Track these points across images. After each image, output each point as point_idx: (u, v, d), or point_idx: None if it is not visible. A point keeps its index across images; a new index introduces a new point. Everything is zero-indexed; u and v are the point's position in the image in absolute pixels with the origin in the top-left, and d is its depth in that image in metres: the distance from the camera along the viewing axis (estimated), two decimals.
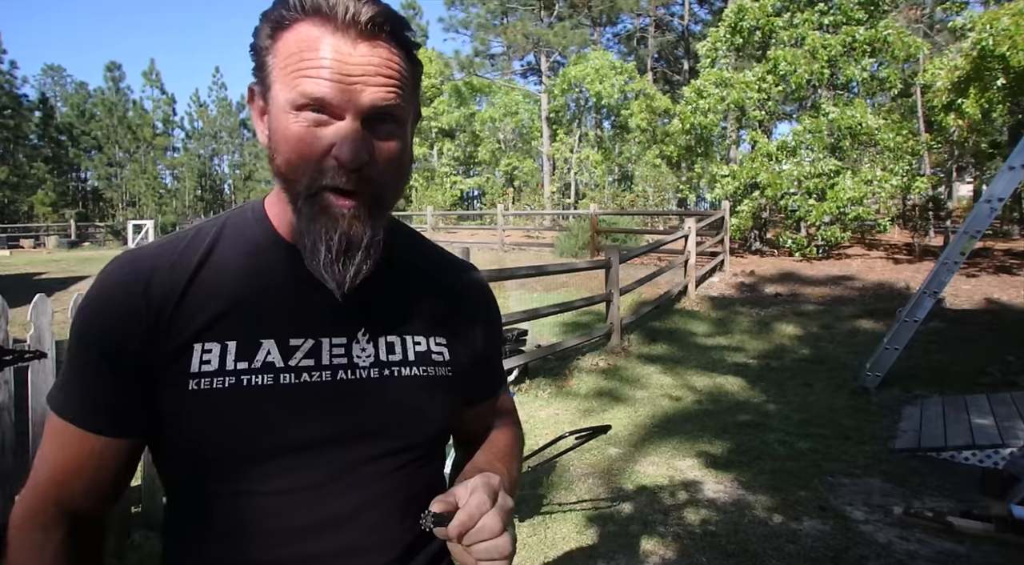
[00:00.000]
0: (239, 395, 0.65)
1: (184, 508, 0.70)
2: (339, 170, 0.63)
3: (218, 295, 0.68)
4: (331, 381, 0.69)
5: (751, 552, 2.81)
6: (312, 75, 0.62)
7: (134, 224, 24.96)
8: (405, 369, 0.73)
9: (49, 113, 40.40)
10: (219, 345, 0.66)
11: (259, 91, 0.69)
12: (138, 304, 0.66)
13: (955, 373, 5.81)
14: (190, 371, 0.65)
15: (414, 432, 0.74)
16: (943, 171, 16.34)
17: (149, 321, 0.66)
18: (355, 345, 0.71)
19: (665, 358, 6.62)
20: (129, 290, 0.67)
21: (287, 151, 0.64)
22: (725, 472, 3.73)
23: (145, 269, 0.68)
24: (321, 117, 0.63)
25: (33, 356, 2.46)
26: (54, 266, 13.62)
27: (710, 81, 13.60)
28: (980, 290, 9.44)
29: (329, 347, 0.70)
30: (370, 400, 0.70)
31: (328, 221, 0.65)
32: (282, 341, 0.68)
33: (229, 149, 47.07)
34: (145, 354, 0.66)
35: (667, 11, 29.92)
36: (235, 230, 0.74)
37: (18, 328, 5.65)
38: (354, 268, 0.66)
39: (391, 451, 0.72)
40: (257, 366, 0.66)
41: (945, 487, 3.50)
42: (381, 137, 0.65)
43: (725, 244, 11.94)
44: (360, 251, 0.66)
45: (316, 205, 0.65)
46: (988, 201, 5.20)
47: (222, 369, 0.66)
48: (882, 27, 12.40)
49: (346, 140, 0.63)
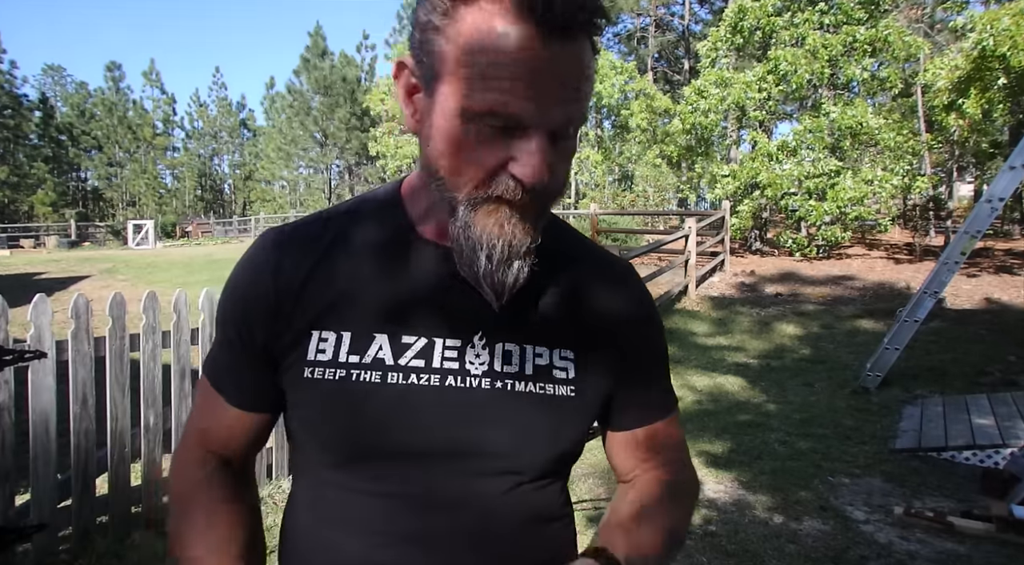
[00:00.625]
0: (347, 390, 0.63)
1: (302, 489, 0.71)
2: (515, 187, 0.57)
3: (339, 282, 0.66)
4: (439, 387, 0.64)
5: (751, 552, 2.81)
6: (501, 87, 0.53)
7: (134, 224, 24.97)
8: (520, 384, 0.65)
9: (49, 113, 40.41)
10: (335, 334, 0.65)
11: (417, 71, 0.60)
12: (268, 285, 0.66)
13: (955, 373, 5.81)
14: (306, 358, 0.65)
15: (522, 456, 0.66)
16: (944, 171, 16.33)
17: (275, 303, 0.66)
18: (469, 349, 0.65)
19: None
20: (260, 270, 0.67)
21: (452, 157, 0.57)
22: (725, 472, 3.72)
23: (278, 250, 0.68)
24: (502, 127, 0.55)
25: (33, 356, 2.46)
26: (54, 266, 13.62)
27: (711, 81, 13.60)
28: (981, 290, 9.44)
29: (441, 349, 0.65)
30: (477, 415, 0.64)
31: (492, 227, 0.59)
32: (395, 337, 0.65)
33: (229, 149, 47.10)
34: (270, 336, 0.66)
35: (667, 11, 29.94)
36: (366, 216, 0.70)
37: (18, 328, 5.65)
38: (512, 276, 0.61)
39: (497, 472, 0.65)
40: (367, 361, 0.64)
41: (945, 487, 3.50)
42: (560, 148, 0.59)
43: (725, 244, 11.94)
44: (519, 258, 0.61)
45: (478, 211, 0.59)
46: (989, 201, 5.19)
47: (335, 360, 0.64)
48: (883, 27, 12.40)
49: (531, 160, 0.55)
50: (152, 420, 2.87)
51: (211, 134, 46.09)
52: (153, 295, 2.87)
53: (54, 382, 2.54)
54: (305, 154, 39.36)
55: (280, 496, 3.28)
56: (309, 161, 39.87)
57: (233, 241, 25.99)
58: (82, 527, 2.64)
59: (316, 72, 36.50)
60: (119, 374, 2.74)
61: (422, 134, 0.61)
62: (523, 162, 0.56)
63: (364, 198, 0.73)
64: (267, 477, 3.39)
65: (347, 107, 36.54)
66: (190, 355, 3.03)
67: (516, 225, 0.59)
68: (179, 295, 2.95)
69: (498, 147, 0.56)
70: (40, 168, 38.04)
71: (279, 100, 39.37)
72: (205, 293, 3.04)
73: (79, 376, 2.61)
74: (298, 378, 0.65)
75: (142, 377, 2.84)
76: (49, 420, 2.52)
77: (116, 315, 2.71)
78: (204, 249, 19.63)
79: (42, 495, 2.51)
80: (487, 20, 0.53)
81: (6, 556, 2.43)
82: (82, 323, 2.60)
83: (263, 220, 29.40)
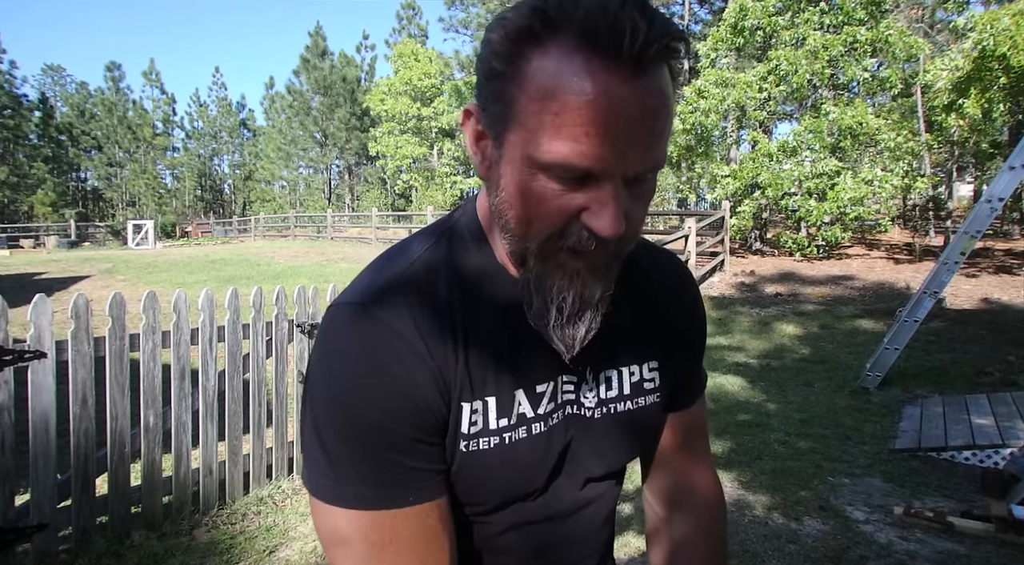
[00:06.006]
0: (500, 454, 0.62)
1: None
2: (588, 238, 0.53)
3: (472, 345, 0.61)
4: (563, 423, 0.67)
5: (751, 552, 2.81)
6: (574, 135, 0.48)
7: (134, 224, 24.96)
8: (620, 404, 0.70)
9: (49, 113, 40.42)
10: (482, 403, 0.61)
11: (483, 119, 0.56)
12: (427, 363, 0.58)
13: (955, 373, 5.81)
14: (460, 431, 0.61)
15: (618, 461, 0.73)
16: (943, 171, 16.34)
17: (448, 379, 0.59)
18: (584, 385, 0.67)
19: None
20: (412, 349, 0.57)
21: (521, 208, 0.54)
22: (725, 472, 3.72)
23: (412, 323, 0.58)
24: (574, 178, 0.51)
25: (33, 356, 2.46)
26: (54, 266, 13.61)
27: (711, 81, 13.60)
28: (980, 290, 9.44)
29: (562, 384, 0.66)
30: (592, 438, 0.69)
31: (562, 280, 0.56)
32: (529, 389, 0.64)
33: (229, 149, 47.09)
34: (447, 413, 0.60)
35: (667, 11, 29.92)
36: (462, 261, 0.63)
37: (18, 328, 5.65)
38: (584, 328, 0.60)
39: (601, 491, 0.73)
40: (514, 421, 0.63)
41: (945, 487, 3.50)
42: (637, 192, 0.54)
43: (725, 244, 11.94)
44: (591, 309, 0.59)
45: (548, 262, 0.56)
46: (988, 201, 5.19)
47: (486, 429, 0.61)
48: (883, 27, 12.40)
49: (606, 211, 0.51)
50: (152, 420, 2.88)
51: (211, 134, 46.10)
52: (153, 295, 2.87)
53: (54, 382, 2.54)
54: (305, 154, 39.38)
55: (280, 496, 3.28)
56: (309, 161, 39.88)
57: (233, 241, 25.98)
58: (82, 527, 2.64)
59: (316, 72, 36.52)
60: (119, 374, 2.74)
61: (491, 181, 0.57)
62: (597, 213, 0.51)
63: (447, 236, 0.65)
64: (267, 477, 3.39)
65: (347, 107, 36.55)
66: (190, 355, 3.03)
67: (588, 276, 0.57)
68: (179, 295, 2.95)
69: (571, 197, 0.52)
70: (40, 168, 38.05)
71: (279, 100, 39.39)
72: (205, 293, 3.04)
73: (79, 376, 2.61)
74: (454, 453, 0.61)
75: (142, 377, 2.84)
76: (49, 420, 2.52)
77: (116, 315, 2.71)
78: (204, 249, 19.62)
79: (42, 495, 2.51)
80: (556, 62, 0.48)
81: (6, 556, 2.43)
82: (82, 323, 2.60)
83: (263, 220, 29.38)
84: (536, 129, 0.50)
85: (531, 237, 0.55)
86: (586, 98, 0.48)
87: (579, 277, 0.56)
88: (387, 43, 34.54)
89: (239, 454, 3.23)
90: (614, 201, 0.51)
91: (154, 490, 2.88)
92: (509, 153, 0.53)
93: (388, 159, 28.31)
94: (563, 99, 0.48)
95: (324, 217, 23.70)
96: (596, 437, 0.69)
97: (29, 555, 2.49)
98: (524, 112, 0.51)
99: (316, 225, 25.70)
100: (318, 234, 23.82)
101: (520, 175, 0.53)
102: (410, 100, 27.06)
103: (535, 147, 0.50)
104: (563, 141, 0.49)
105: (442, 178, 29.46)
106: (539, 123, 0.50)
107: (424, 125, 27.76)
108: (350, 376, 0.57)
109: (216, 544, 2.79)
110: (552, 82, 0.49)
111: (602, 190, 0.51)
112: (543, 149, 0.50)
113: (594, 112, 0.48)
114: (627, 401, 0.70)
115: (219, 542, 2.81)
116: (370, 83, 35.88)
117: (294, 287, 3.56)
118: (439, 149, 30.34)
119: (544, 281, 0.57)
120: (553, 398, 0.65)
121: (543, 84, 0.49)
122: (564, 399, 0.66)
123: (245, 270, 12.87)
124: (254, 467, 3.31)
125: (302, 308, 3.52)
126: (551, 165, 0.50)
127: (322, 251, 16.60)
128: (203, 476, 3.07)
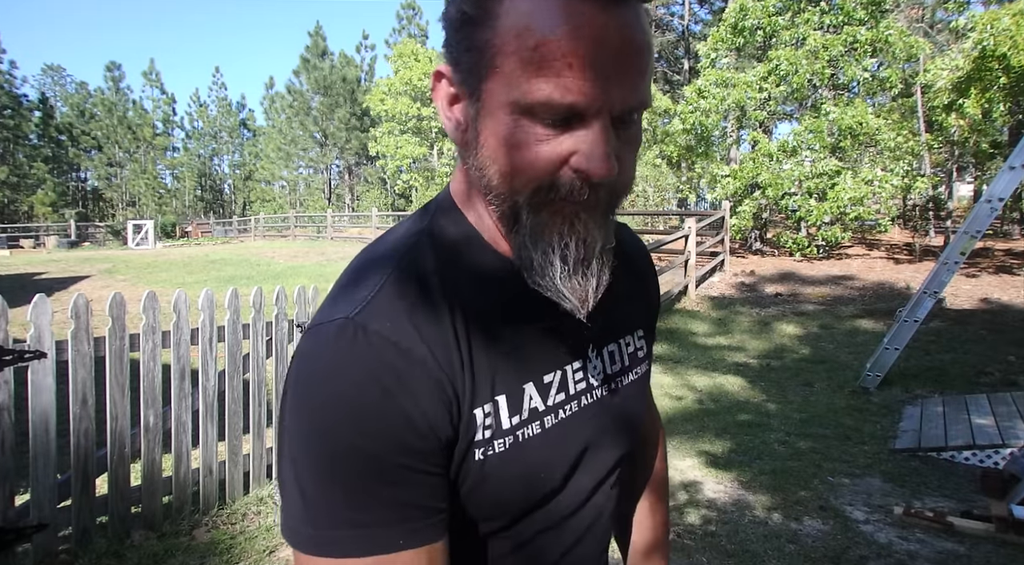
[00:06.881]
0: (516, 453, 0.57)
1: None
2: (582, 184, 0.50)
3: (476, 343, 0.55)
4: (577, 411, 0.62)
5: (751, 552, 2.81)
6: (554, 70, 0.46)
7: (134, 224, 24.96)
8: (625, 377, 0.68)
9: (49, 113, 40.42)
10: (492, 404, 0.56)
11: (455, 77, 0.53)
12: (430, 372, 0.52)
13: (955, 373, 5.81)
14: (475, 440, 0.55)
15: (630, 442, 0.69)
16: (943, 171, 16.34)
17: (451, 393, 0.53)
18: (589, 365, 0.64)
19: (665, 358, 6.62)
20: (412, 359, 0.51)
21: (507, 159, 0.50)
22: (725, 472, 3.72)
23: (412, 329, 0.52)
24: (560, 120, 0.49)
25: (33, 356, 2.46)
26: (54, 266, 13.61)
27: (711, 81, 13.60)
28: (980, 290, 9.44)
29: (572, 373, 0.62)
30: (605, 421, 0.65)
31: (562, 228, 0.52)
32: (538, 381, 0.59)
33: (229, 149, 47.11)
34: (453, 432, 0.54)
35: (667, 11, 29.91)
36: (452, 253, 0.59)
37: (18, 328, 5.64)
38: (595, 280, 0.55)
39: (613, 468, 0.68)
40: (525, 417, 0.58)
41: (945, 487, 3.50)
42: (624, 135, 0.52)
43: (725, 244, 11.94)
44: (596, 259, 0.55)
45: (543, 213, 0.52)
46: (988, 201, 5.19)
47: (499, 430, 0.56)
48: (883, 27, 12.41)
49: (596, 151, 0.48)
50: (152, 420, 2.88)
51: (211, 134, 46.12)
52: (153, 295, 2.87)
53: (54, 382, 2.54)
54: (305, 154, 39.38)
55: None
56: (309, 161, 39.88)
57: (233, 241, 25.98)
58: (82, 527, 2.64)
59: (316, 72, 36.52)
60: (119, 374, 2.74)
61: (469, 144, 0.54)
62: (587, 154, 0.49)
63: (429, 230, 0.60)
64: (267, 477, 3.39)
65: (347, 107, 36.55)
66: (190, 355, 3.03)
67: (587, 223, 0.53)
68: (179, 295, 2.95)
69: (557, 141, 0.49)
70: (40, 168, 38.05)
71: (279, 100, 39.39)
72: (205, 293, 3.04)
73: (79, 376, 2.61)
74: (470, 463, 0.55)
75: (142, 377, 2.84)
76: (49, 420, 2.52)
77: (116, 315, 2.71)
78: (204, 249, 19.62)
79: (42, 495, 2.51)
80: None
81: (6, 556, 2.43)
82: (82, 323, 2.60)
83: (263, 220, 29.38)
84: (514, 70, 0.47)
85: (519, 191, 0.51)
86: (564, 29, 0.46)
87: (579, 220, 0.52)
88: (387, 43, 34.54)
89: (239, 454, 3.23)
90: (603, 140, 0.49)
91: (154, 490, 2.88)
92: (487, 104, 0.50)
93: (388, 159, 28.30)
94: (540, 33, 0.46)
95: (324, 217, 23.71)
96: (608, 420, 0.66)
97: (29, 555, 2.49)
98: (500, 54, 0.48)
99: (316, 225, 25.71)
100: (318, 234, 23.83)
101: (501, 125, 0.50)
102: (410, 100, 27.05)
103: (515, 89, 0.48)
104: (545, 78, 0.46)
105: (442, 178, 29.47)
106: (517, 63, 0.47)
107: (424, 125, 27.75)
108: (336, 399, 0.49)
109: (216, 544, 2.79)
110: (527, 17, 0.47)
111: (590, 130, 0.49)
112: (524, 90, 0.47)
113: (574, 42, 0.46)
114: (628, 373, 0.69)
115: (219, 542, 2.81)
116: (370, 83, 35.88)
117: (294, 287, 3.56)
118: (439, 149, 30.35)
119: (542, 232, 0.53)
120: (563, 388, 0.61)
121: (518, 21, 0.47)
122: (577, 389, 0.63)
123: (245, 270, 12.87)
124: (254, 467, 3.31)
125: (302, 308, 3.52)
126: (534, 105, 0.47)
127: (322, 251, 16.60)
128: (203, 476, 3.07)
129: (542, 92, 0.47)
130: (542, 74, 0.46)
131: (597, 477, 0.66)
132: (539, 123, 0.49)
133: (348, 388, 0.49)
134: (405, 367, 0.50)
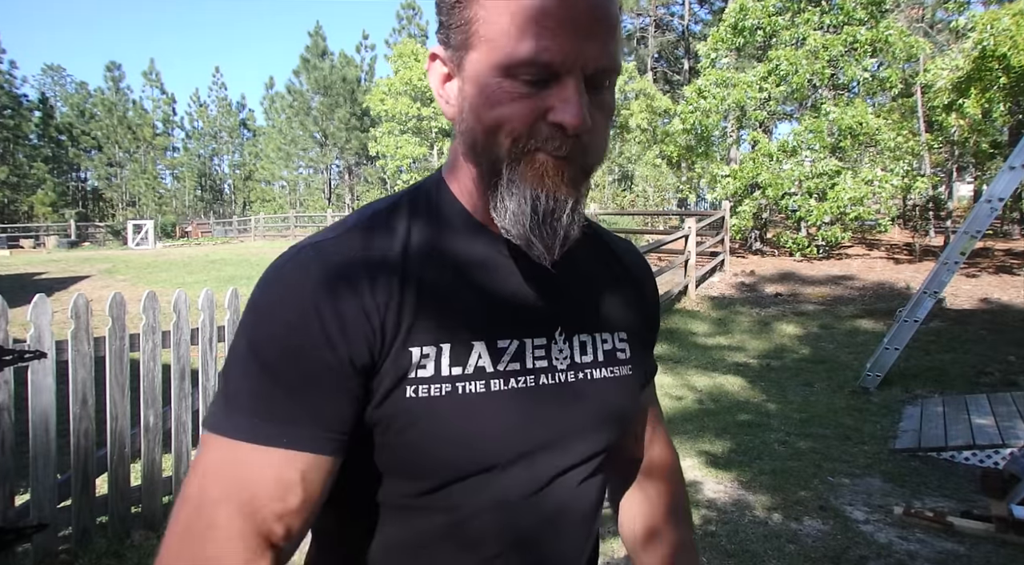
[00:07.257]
0: (454, 404, 0.59)
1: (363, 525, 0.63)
2: (557, 135, 0.56)
3: (427, 291, 0.60)
4: (534, 387, 0.63)
5: (751, 552, 2.81)
6: (532, 32, 0.53)
7: (134, 224, 24.96)
8: (596, 371, 0.69)
9: (49, 113, 40.42)
10: (434, 348, 0.59)
11: (447, 54, 0.60)
12: (365, 305, 0.57)
13: (955, 373, 5.81)
14: (407, 376, 0.58)
15: (601, 439, 0.69)
16: (943, 171, 16.34)
17: (376, 324, 0.57)
18: (554, 346, 0.66)
19: (665, 358, 6.62)
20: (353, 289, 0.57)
21: (488, 115, 0.56)
22: (725, 472, 3.72)
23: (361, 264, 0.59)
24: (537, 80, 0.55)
25: (33, 356, 2.46)
26: (54, 266, 13.61)
27: (711, 81, 13.60)
28: (980, 290, 9.45)
29: (531, 348, 0.64)
30: (568, 406, 0.66)
31: (534, 180, 0.57)
32: (491, 343, 0.62)
33: (229, 149, 47.10)
34: (370, 360, 0.57)
35: (667, 11, 29.94)
36: (426, 214, 0.65)
37: (18, 328, 5.65)
38: (563, 231, 0.59)
39: (579, 461, 0.67)
40: (470, 372, 0.60)
41: (945, 487, 3.50)
42: (597, 100, 0.58)
43: (725, 244, 11.95)
44: (565, 215, 0.59)
45: (520, 164, 0.57)
46: (988, 201, 5.19)
47: (438, 375, 0.58)
48: (883, 27, 12.41)
49: (569, 102, 0.54)
50: (152, 420, 2.88)
51: (211, 134, 46.11)
52: (153, 295, 2.87)
53: (54, 382, 2.54)
54: (305, 154, 39.37)
55: None
56: (309, 161, 39.87)
57: (233, 241, 25.97)
58: (82, 527, 2.64)
59: (316, 72, 36.51)
60: (119, 374, 2.74)
61: (458, 114, 0.60)
62: (562, 108, 0.55)
63: (411, 194, 0.67)
64: None
65: (347, 107, 36.54)
66: (190, 355, 3.03)
67: (558, 179, 0.58)
68: (179, 295, 2.95)
69: (537, 98, 0.55)
70: (40, 168, 38.05)
71: (279, 100, 39.38)
72: (205, 293, 3.04)
73: (79, 376, 2.61)
74: (399, 401, 0.58)
75: (142, 377, 2.84)
76: (49, 420, 2.52)
77: (116, 315, 2.71)
78: (204, 249, 19.63)
79: (42, 495, 2.51)
80: None
81: (6, 556, 2.43)
82: (82, 323, 2.60)
83: (263, 220, 29.37)
84: (497, 36, 0.55)
85: (501, 143, 0.57)
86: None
87: (549, 175, 0.57)
88: (387, 43, 34.53)
89: None
90: (576, 95, 0.55)
91: (154, 490, 2.88)
92: (473, 71, 0.57)
93: (388, 159, 28.28)
94: (518, 1, 0.53)
95: (324, 217, 23.73)
96: (578, 410, 0.66)
97: (29, 555, 2.49)
98: (485, 23, 0.55)
99: (316, 225, 25.72)
100: None
101: (486, 86, 0.56)
102: (410, 100, 27.05)
103: (498, 53, 0.55)
104: (524, 40, 0.53)
105: None
106: (500, 29, 0.54)
107: (424, 125, 27.74)
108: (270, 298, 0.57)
109: None
110: None
111: (565, 87, 0.55)
112: (506, 52, 0.54)
113: (549, 5, 0.53)
114: (602, 368, 0.69)
115: None
116: (370, 83, 35.86)
117: None
118: (439, 149, 30.35)
119: (518, 182, 0.58)
120: (518, 358, 0.63)
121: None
122: (536, 365, 0.64)
123: (245, 270, 12.87)
124: None
125: None
126: (515, 65, 0.54)
127: None
128: None
129: (520, 52, 0.54)
130: (521, 37, 0.53)
131: (559, 464, 0.65)
132: (519, 82, 0.55)
133: (283, 290, 0.57)
134: (338, 287, 0.56)
